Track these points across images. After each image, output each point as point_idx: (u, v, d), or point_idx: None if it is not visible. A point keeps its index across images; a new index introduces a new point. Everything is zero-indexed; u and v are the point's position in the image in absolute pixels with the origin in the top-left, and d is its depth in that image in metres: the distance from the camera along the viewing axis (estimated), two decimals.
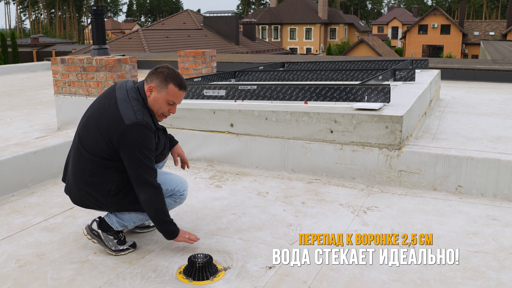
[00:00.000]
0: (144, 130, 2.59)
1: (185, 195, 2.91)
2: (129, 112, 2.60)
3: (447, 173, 3.82)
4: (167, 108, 2.72)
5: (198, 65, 7.67)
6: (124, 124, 2.56)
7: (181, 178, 2.92)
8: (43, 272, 2.65)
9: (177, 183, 2.86)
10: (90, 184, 2.71)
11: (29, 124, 6.09)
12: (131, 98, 2.65)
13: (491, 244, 2.96)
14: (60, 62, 5.56)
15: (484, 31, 53.87)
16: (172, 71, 2.68)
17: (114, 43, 29.62)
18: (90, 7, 10.47)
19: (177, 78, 2.67)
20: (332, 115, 4.13)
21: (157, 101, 2.68)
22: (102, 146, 2.62)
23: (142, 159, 2.59)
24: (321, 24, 62.64)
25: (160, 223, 2.72)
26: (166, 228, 2.74)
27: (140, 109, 2.64)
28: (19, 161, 3.94)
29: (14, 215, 3.45)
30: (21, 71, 13.15)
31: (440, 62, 11.46)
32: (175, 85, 2.66)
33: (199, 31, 34.64)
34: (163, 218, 2.71)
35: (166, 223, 2.73)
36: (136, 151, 2.57)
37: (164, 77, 2.65)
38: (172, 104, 2.72)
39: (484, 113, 6.20)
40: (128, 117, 2.58)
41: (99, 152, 2.64)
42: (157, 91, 2.66)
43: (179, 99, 2.73)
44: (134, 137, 2.56)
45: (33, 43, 43.04)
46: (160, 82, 2.65)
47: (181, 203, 2.95)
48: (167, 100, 2.68)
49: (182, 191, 2.87)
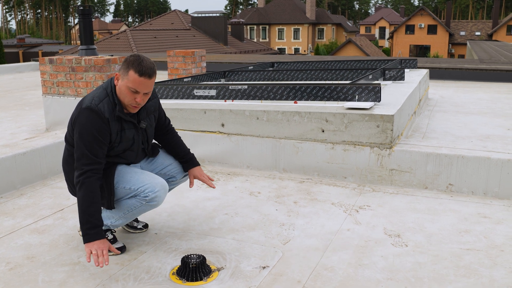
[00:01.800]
0: (92, 116, 2.56)
1: (152, 197, 2.66)
2: (89, 97, 2.64)
3: (438, 171, 3.84)
4: (132, 97, 2.58)
5: (188, 65, 7.64)
6: (81, 107, 2.61)
7: (154, 179, 2.71)
8: (34, 275, 2.61)
9: (144, 183, 2.67)
10: (66, 173, 2.81)
11: (16, 125, 6.01)
12: (101, 86, 2.69)
13: (482, 241, 2.98)
14: (49, 62, 5.50)
15: (470, 31, 54.42)
16: (137, 57, 2.55)
17: (101, 44, 29.41)
18: (78, 7, 10.38)
19: (139, 64, 2.52)
20: (323, 115, 4.13)
21: (121, 90, 2.60)
22: (71, 131, 2.69)
23: (82, 143, 2.56)
24: (309, 24, 62.80)
25: (79, 217, 2.52)
26: (82, 226, 2.51)
27: (101, 96, 2.62)
28: (7, 162, 3.89)
29: (3, 217, 3.40)
30: (8, 72, 13.00)
31: (428, 61, 11.55)
32: (135, 71, 2.52)
33: (187, 31, 34.54)
34: (82, 212, 2.50)
35: (84, 220, 2.49)
36: (79, 134, 2.57)
37: (127, 64, 2.57)
38: (135, 92, 2.56)
39: (472, 112, 6.26)
40: (85, 102, 2.62)
41: (71, 139, 2.70)
42: (121, 78, 2.61)
43: (141, 86, 2.55)
44: (81, 120, 2.58)
45: (19, 44, 42.60)
46: (123, 70, 2.58)
47: (152, 206, 2.72)
48: (129, 87, 2.56)
49: (147, 192, 2.65)
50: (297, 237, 3.06)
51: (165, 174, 2.97)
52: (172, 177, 2.99)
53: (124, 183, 2.70)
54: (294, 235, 3.08)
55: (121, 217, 2.80)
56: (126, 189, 2.70)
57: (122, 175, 2.72)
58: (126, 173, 2.73)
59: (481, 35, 53.15)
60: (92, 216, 2.51)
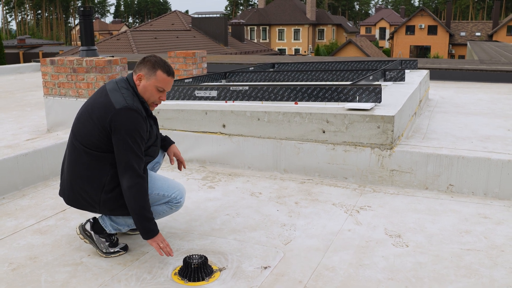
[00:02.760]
0: (134, 114, 2.58)
1: (182, 203, 2.86)
2: (119, 98, 2.62)
3: (438, 172, 3.85)
4: (157, 96, 2.71)
5: (189, 66, 7.66)
6: (114, 108, 2.58)
7: (179, 185, 2.87)
8: (37, 275, 2.63)
9: (175, 190, 2.82)
10: (86, 178, 2.68)
11: (18, 126, 6.03)
12: (120, 87, 2.68)
13: (483, 242, 2.99)
14: (50, 63, 5.52)
15: (470, 32, 54.43)
16: (159, 58, 2.70)
17: (102, 44, 29.43)
18: (78, 8, 10.40)
19: (164, 65, 2.68)
20: (324, 115, 4.14)
21: (147, 89, 2.68)
22: (97, 136, 2.61)
23: (130, 143, 2.56)
24: (309, 25, 62.83)
25: (138, 216, 2.59)
26: (144, 224, 2.60)
27: (130, 96, 2.65)
28: (9, 163, 3.90)
29: (6, 218, 3.42)
30: (8, 73, 13.02)
31: (428, 62, 11.56)
32: (163, 71, 2.67)
33: (188, 32, 34.57)
34: (142, 211, 2.58)
35: (145, 218, 2.59)
36: (125, 134, 2.56)
37: (152, 64, 2.67)
38: (162, 91, 2.71)
39: (473, 113, 6.27)
40: (118, 102, 2.59)
41: (95, 142, 2.63)
42: (146, 79, 2.67)
43: (168, 85, 2.72)
44: (123, 120, 2.56)
45: (20, 44, 42.63)
46: (149, 70, 2.67)
47: (177, 210, 2.89)
48: (156, 86, 2.68)
49: (179, 198, 2.82)
50: (298, 237, 3.07)
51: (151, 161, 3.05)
52: (156, 163, 3.11)
53: (157, 190, 2.77)
54: (295, 236, 3.10)
55: None
56: (159, 195, 2.77)
57: (153, 182, 2.78)
58: (156, 180, 2.80)
59: (481, 36, 53.16)
60: (151, 213, 2.63)
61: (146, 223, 2.61)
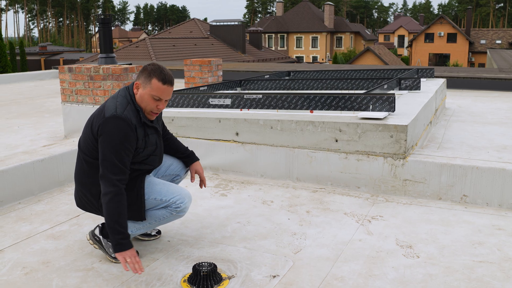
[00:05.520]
0: (120, 123, 2.58)
1: (182, 208, 2.80)
2: (112, 106, 2.65)
3: (452, 182, 3.81)
4: (154, 104, 2.68)
5: (204, 74, 7.71)
6: (104, 116, 2.62)
7: (182, 190, 2.84)
8: (49, 280, 2.67)
9: (174, 194, 2.78)
10: (85, 185, 2.76)
11: (36, 132, 6.14)
12: (119, 95, 2.71)
13: (496, 254, 2.95)
14: (68, 71, 5.61)
15: (490, 40, 53.78)
16: (157, 66, 2.67)
17: (121, 52, 29.83)
18: (98, 16, 10.59)
19: (160, 73, 2.64)
20: (337, 124, 4.14)
21: (143, 98, 2.68)
22: (91, 143, 2.67)
23: (110, 152, 2.56)
24: (327, 33, 62.80)
25: (109, 227, 2.55)
26: (113, 236, 2.54)
27: (123, 104, 2.66)
28: (26, 169, 3.98)
29: (21, 223, 3.48)
30: (29, 79, 13.27)
31: (446, 70, 11.46)
32: (158, 79, 2.63)
33: (206, 39, 34.83)
34: (113, 223, 2.53)
35: (115, 230, 2.53)
36: (107, 143, 2.57)
37: (148, 73, 2.66)
38: (158, 99, 2.67)
39: (490, 122, 6.19)
40: (109, 111, 2.63)
41: (90, 150, 2.69)
42: (142, 87, 2.68)
43: (164, 94, 2.66)
44: (109, 129, 2.58)
45: (41, 52, 43.44)
46: (145, 78, 2.67)
47: (180, 216, 2.85)
48: (152, 95, 2.65)
49: (178, 203, 2.77)
50: (308, 246, 3.07)
51: (170, 174, 3.08)
52: (176, 176, 3.12)
53: (154, 195, 2.77)
54: (305, 245, 3.09)
55: (144, 227, 2.86)
56: (157, 200, 2.77)
57: (151, 186, 2.78)
58: (155, 185, 2.80)
59: (502, 44, 52.48)
60: (124, 227, 2.56)
61: (115, 235, 2.55)
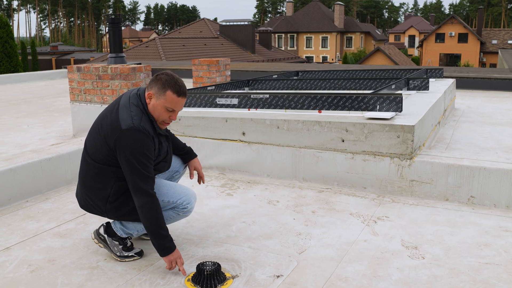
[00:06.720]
0: (140, 135, 2.58)
1: (189, 208, 2.84)
2: (127, 117, 2.61)
3: (459, 183, 3.78)
4: (167, 115, 2.67)
5: (212, 73, 7.73)
6: (120, 128, 2.58)
7: (188, 190, 2.87)
8: (54, 277, 2.69)
9: (181, 196, 2.81)
10: (91, 189, 2.76)
11: (45, 131, 6.18)
12: (131, 104, 2.67)
13: (502, 256, 2.92)
14: (76, 70, 5.65)
15: (502, 40, 53.26)
16: (171, 77, 2.63)
17: (131, 51, 29.97)
18: (108, 16, 10.65)
19: (175, 84, 2.61)
20: (343, 124, 4.13)
21: (156, 108, 2.65)
22: (103, 151, 2.66)
23: (136, 165, 2.57)
24: (337, 33, 62.60)
25: (153, 235, 2.63)
26: (159, 241, 2.63)
27: (138, 114, 2.63)
28: (34, 167, 4.01)
29: (28, 221, 3.51)
30: (40, 79, 13.37)
31: (455, 71, 11.38)
32: (173, 91, 2.61)
33: (215, 39, 34.88)
34: (157, 229, 2.62)
35: (160, 236, 2.63)
36: (131, 156, 2.56)
37: (162, 84, 2.61)
38: (171, 111, 2.66)
39: (499, 123, 6.13)
40: (124, 122, 2.59)
41: (100, 157, 2.68)
42: (155, 98, 2.64)
43: (178, 105, 2.66)
44: (129, 142, 2.56)
45: (53, 51, 43.82)
46: (159, 89, 2.63)
47: (186, 216, 2.89)
48: (165, 107, 2.64)
49: (185, 204, 2.81)
50: (313, 246, 3.06)
51: (170, 170, 3.09)
52: (176, 172, 3.13)
53: (162, 197, 2.78)
54: (310, 245, 3.08)
55: None
56: (164, 202, 2.79)
57: (158, 188, 2.78)
58: (161, 187, 2.81)
59: None
60: (166, 230, 2.65)
61: (160, 241, 2.64)
